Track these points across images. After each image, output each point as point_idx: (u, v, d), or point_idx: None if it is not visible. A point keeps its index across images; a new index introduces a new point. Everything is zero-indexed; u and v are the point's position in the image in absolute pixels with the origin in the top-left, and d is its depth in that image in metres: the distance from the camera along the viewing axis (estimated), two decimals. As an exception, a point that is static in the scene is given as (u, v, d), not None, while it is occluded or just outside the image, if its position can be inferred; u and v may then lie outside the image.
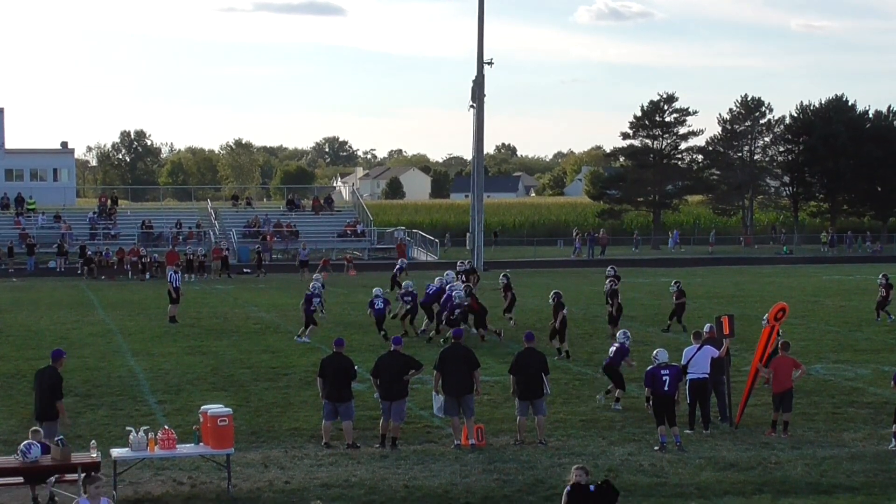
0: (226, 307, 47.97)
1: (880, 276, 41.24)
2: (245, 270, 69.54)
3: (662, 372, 21.66)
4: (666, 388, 21.46)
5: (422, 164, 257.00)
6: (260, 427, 23.20)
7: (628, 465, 19.98)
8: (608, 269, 40.77)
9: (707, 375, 22.88)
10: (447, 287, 36.49)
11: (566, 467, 19.24)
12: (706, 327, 24.63)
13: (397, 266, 48.13)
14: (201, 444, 18.48)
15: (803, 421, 23.57)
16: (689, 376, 22.83)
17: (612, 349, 25.60)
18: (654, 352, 22.30)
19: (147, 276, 64.61)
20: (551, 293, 33.54)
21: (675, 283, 39.45)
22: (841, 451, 21.06)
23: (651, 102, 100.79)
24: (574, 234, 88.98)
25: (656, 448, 21.13)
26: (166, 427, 18.78)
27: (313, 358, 30.07)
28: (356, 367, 22.11)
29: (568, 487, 14.34)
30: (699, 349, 23.06)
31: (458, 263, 43.88)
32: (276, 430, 22.99)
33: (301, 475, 19.31)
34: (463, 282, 39.80)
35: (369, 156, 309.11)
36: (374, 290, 38.10)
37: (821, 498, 17.99)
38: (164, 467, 19.39)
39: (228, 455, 18.44)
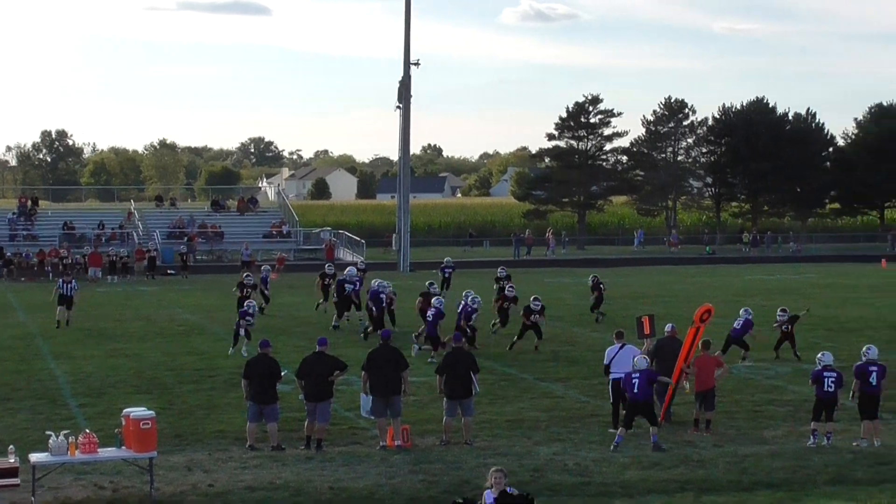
0: (150, 309, 47.57)
1: None
2: (169, 272, 68.96)
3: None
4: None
5: (348, 164, 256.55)
6: (184, 430, 23.03)
7: (553, 464, 20.06)
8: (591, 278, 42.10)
9: (629, 375, 23.02)
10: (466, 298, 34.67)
11: (492, 467, 19.32)
12: (667, 326, 24.76)
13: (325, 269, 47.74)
14: (123, 447, 18.31)
15: (725, 419, 23.81)
16: (611, 376, 22.98)
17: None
18: (635, 358, 22.27)
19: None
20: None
21: (592, 276, 40.42)
22: (762, 448, 21.30)
23: (576, 104, 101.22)
24: (517, 235, 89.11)
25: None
26: (87, 431, 18.57)
27: (238, 360, 29.91)
28: (283, 371, 22.04)
29: (494, 495, 14.35)
30: (621, 348, 23.20)
31: (499, 269, 44.04)
32: (200, 432, 22.83)
33: (225, 478, 19.19)
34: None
35: (295, 156, 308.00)
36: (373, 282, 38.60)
37: (742, 495, 18.18)
38: (85, 472, 19.15)
39: (151, 458, 18.27)
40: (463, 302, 34.25)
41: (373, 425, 22.46)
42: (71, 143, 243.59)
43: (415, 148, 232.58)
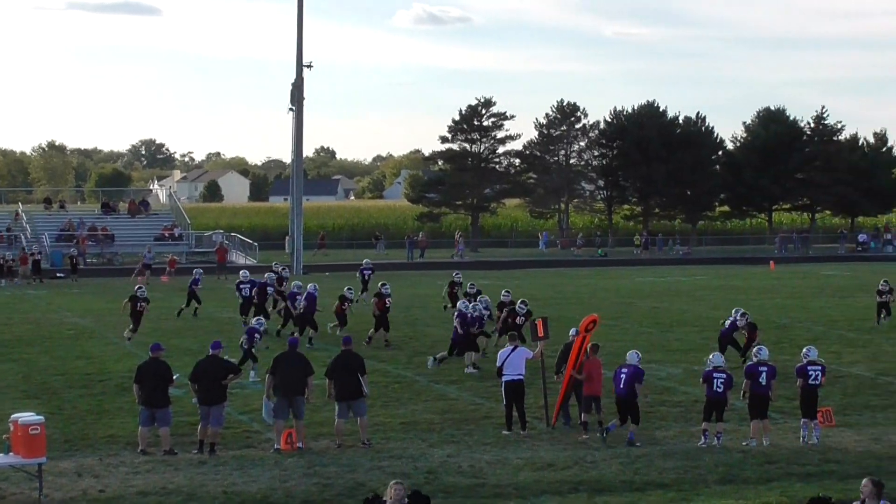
0: (38, 313, 46.80)
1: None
2: (59, 275, 67.82)
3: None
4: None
5: (240, 167, 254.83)
6: (74, 435, 22.70)
7: (447, 466, 20.10)
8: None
9: (522, 376, 23.14)
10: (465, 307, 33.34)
11: (386, 470, 19.35)
12: (571, 331, 24.86)
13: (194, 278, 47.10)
14: (11, 453, 18.00)
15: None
16: (504, 378, 23.09)
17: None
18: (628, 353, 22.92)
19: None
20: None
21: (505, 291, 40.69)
22: (653, 448, 21.54)
23: (469, 107, 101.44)
24: (410, 237, 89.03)
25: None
26: (-25, 437, 18.24)
27: (129, 364, 29.50)
28: (175, 374, 21.82)
29: None
30: (513, 350, 23.31)
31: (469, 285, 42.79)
32: (90, 437, 22.53)
33: (116, 483, 18.94)
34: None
35: (187, 158, 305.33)
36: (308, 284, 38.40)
37: (634, 495, 18.38)
38: (-27, 478, 18.83)
39: (40, 464, 18.00)
40: (465, 311, 32.23)
41: (267, 429, 22.33)
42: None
43: (308, 150, 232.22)
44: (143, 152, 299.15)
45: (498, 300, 35.75)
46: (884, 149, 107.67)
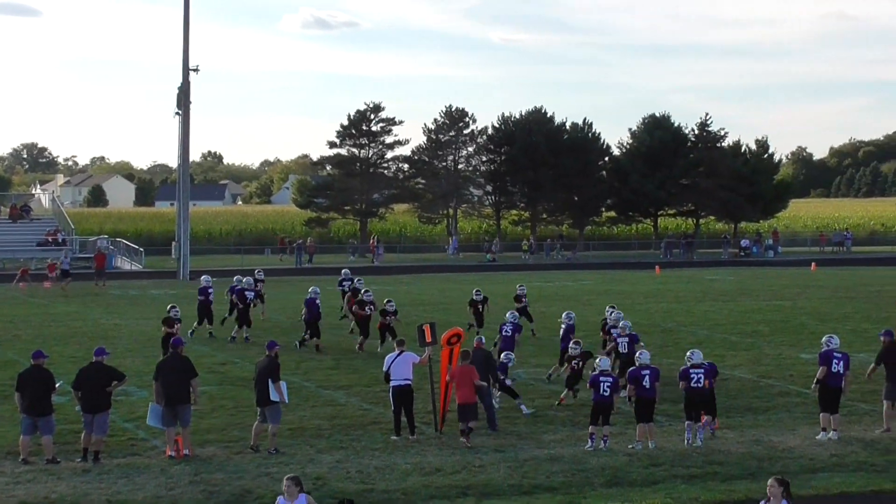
0: (-84, 320, 45.74)
1: None
2: (-63, 281, 66.35)
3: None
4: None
5: (126, 171, 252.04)
6: (-48, 445, 22.21)
7: (336, 472, 20.04)
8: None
9: (409, 382, 23.13)
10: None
11: (275, 476, 19.22)
12: (476, 339, 24.88)
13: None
14: None
15: (505, 424, 24.17)
16: (392, 383, 23.06)
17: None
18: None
19: None
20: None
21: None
22: (541, 452, 21.67)
23: (358, 111, 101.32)
24: (299, 243, 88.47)
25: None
26: None
27: (11, 372, 28.92)
28: (58, 382, 21.45)
29: (287, 501, 14.24)
30: (399, 355, 23.29)
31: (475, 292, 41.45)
32: (-30, 447, 22.05)
33: (-3, 493, 18.59)
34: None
35: (70, 162, 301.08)
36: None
37: (522, 499, 18.48)
38: None
39: (-82, 475, 17.58)
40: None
41: (153, 436, 22.07)
42: None
43: (195, 155, 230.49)
44: (25, 156, 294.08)
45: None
46: (765, 155, 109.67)
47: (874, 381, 25.20)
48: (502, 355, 27.25)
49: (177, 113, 72.14)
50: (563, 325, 30.57)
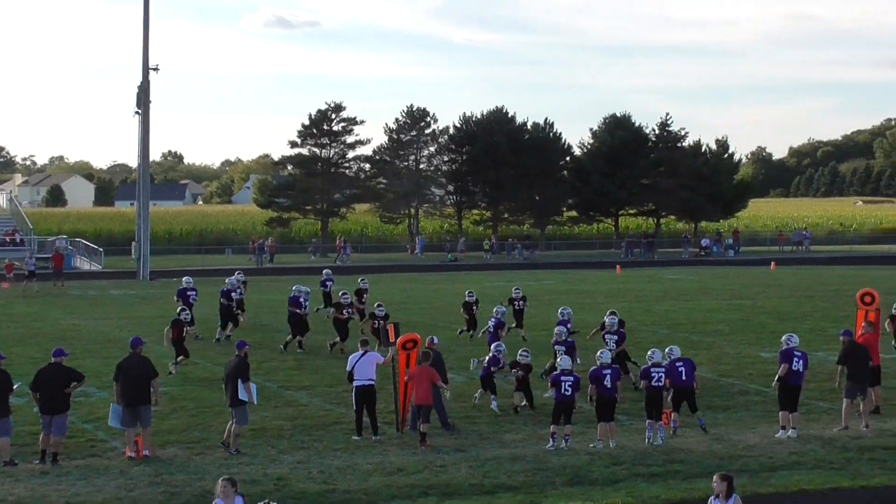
0: None
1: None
2: None
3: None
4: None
5: (85, 171, 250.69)
6: None
7: (298, 472, 19.99)
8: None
9: (372, 382, 23.09)
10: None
11: (236, 477, 19.11)
12: (431, 339, 24.82)
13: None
14: None
15: (467, 424, 24.19)
16: (355, 383, 23.02)
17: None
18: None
19: None
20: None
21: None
22: (503, 452, 21.69)
23: (319, 111, 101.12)
24: (259, 243, 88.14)
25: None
26: None
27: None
28: (16, 383, 21.29)
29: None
30: (363, 355, 23.25)
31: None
32: (-73, 449, 21.84)
33: (-45, 496, 18.44)
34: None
35: (28, 162, 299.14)
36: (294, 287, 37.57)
37: (484, 498, 18.48)
38: None
39: None
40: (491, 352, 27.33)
41: (112, 437, 21.96)
42: None
43: (155, 154, 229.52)
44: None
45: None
46: (725, 155, 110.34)
47: (832, 378, 25.36)
48: (492, 347, 27.13)
49: (137, 112, 71.77)
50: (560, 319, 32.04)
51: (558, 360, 23.11)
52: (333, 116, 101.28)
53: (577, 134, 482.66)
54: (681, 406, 23.29)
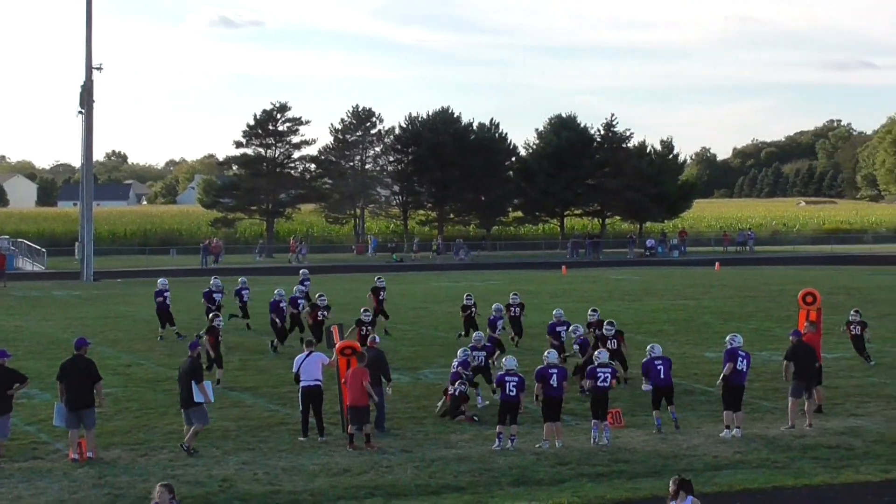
0: None
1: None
2: None
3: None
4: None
5: (27, 170, 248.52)
6: None
7: (243, 474, 19.91)
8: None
9: (319, 382, 23.04)
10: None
11: (181, 479, 19.07)
12: (373, 339, 24.81)
13: None
14: None
15: (412, 424, 24.20)
16: (301, 384, 22.96)
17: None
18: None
19: None
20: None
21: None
22: (449, 452, 21.70)
23: (264, 111, 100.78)
24: (204, 243, 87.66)
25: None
26: None
27: None
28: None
29: None
30: (308, 356, 23.19)
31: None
32: None
33: None
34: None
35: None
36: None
37: (430, 498, 18.49)
38: None
39: None
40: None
41: (56, 439, 21.78)
42: None
43: (98, 154, 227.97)
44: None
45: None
46: (670, 156, 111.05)
47: (776, 378, 25.56)
48: (459, 352, 27.08)
49: (80, 112, 71.24)
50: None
51: (504, 360, 23.06)
52: (279, 116, 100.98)
53: (522, 134, 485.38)
54: (660, 403, 23.48)
